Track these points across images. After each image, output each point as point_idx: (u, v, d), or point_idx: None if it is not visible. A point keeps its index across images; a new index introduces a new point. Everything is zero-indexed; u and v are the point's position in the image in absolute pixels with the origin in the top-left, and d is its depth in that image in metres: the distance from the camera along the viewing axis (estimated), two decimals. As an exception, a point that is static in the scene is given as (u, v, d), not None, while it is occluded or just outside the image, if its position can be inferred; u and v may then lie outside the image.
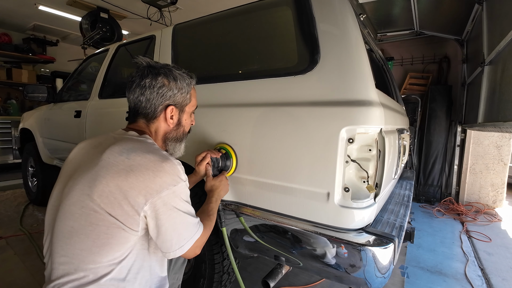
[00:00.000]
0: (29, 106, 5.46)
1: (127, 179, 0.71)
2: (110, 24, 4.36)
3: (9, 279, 1.79)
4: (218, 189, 1.10)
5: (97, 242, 0.71)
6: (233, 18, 1.41)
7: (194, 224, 0.83)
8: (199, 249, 0.85)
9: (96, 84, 2.20)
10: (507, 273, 2.04)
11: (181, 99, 0.93)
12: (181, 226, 0.78)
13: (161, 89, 0.88)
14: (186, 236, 0.80)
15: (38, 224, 2.65)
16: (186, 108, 0.97)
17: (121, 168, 0.73)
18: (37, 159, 2.92)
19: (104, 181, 0.72)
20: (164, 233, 0.76)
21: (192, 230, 0.82)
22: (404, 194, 1.75)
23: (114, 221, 0.71)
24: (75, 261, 0.71)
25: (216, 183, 1.10)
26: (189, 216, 0.81)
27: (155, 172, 0.74)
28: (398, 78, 4.10)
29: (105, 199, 0.71)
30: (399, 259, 2.17)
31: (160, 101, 0.89)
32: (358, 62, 1.00)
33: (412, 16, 3.16)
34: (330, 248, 0.98)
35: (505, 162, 3.36)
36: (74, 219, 0.73)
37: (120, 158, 0.75)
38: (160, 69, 0.90)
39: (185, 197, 0.80)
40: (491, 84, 2.02)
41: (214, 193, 1.08)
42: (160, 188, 0.73)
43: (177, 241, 0.78)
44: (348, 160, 0.98)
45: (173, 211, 0.76)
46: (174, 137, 0.96)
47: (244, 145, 1.17)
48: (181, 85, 0.92)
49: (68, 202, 0.74)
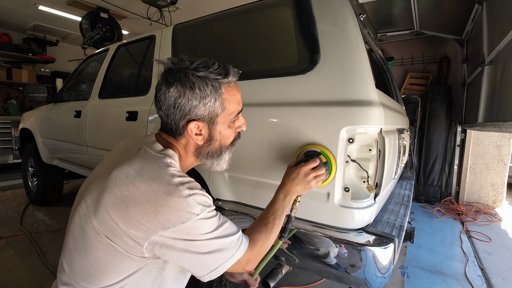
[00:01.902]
0: (29, 106, 5.45)
1: (127, 210, 0.62)
2: (110, 24, 4.36)
3: (9, 279, 1.79)
4: (291, 182, 0.86)
5: (96, 266, 0.66)
6: (233, 18, 1.41)
7: (227, 245, 0.68)
8: (249, 265, 0.73)
9: (96, 84, 2.20)
10: (507, 273, 2.04)
11: (206, 110, 0.71)
12: (203, 257, 0.65)
13: (177, 101, 0.70)
14: (216, 260, 0.66)
15: (38, 224, 2.65)
16: (219, 119, 0.74)
17: (124, 195, 0.63)
18: (37, 159, 2.92)
19: (105, 204, 0.64)
20: (185, 265, 0.67)
21: (225, 253, 0.67)
22: (404, 194, 1.75)
23: (115, 247, 0.64)
24: (75, 277, 0.69)
25: (293, 173, 0.87)
26: (216, 240, 0.66)
27: (157, 207, 0.61)
28: (398, 78, 4.10)
29: (104, 226, 0.64)
30: (399, 259, 2.17)
31: (179, 116, 0.71)
32: (358, 62, 1.00)
33: (412, 16, 3.15)
34: (330, 248, 0.98)
35: (505, 162, 3.36)
36: (78, 233, 0.68)
37: (125, 182, 0.64)
38: (176, 74, 0.70)
39: (203, 230, 0.65)
40: (491, 84, 2.02)
41: (284, 187, 0.86)
42: (163, 226, 0.61)
43: (204, 268, 0.67)
44: (348, 160, 0.98)
45: (187, 246, 0.64)
46: (209, 153, 0.78)
47: (244, 145, 1.17)
48: (202, 94, 0.70)
49: (78, 212, 0.69)
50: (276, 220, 0.81)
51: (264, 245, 0.77)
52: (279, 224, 0.81)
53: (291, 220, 0.90)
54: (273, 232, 0.79)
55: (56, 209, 3.03)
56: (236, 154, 1.19)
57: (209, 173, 1.26)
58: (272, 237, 0.79)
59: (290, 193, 0.86)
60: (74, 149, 2.33)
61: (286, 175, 0.89)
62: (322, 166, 0.91)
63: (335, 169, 0.96)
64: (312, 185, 0.87)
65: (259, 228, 0.79)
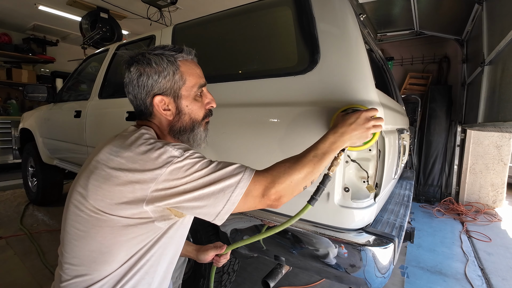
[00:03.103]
0: (29, 106, 5.46)
1: (118, 178, 0.65)
2: (110, 24, 4.36)
3: (9, 279, 1.79)
4: (348, 126, 0.78)
5: (105, 243, 0.68)
6: (233, 18, 1.41)
7: (227, 173, 0.67)
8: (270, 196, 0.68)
9: (96, 84, 2.20)
10: (507, 273, 2.04)
11: (167, 83, 0.76)
12: (204, 192, 0.65)
13: (140, 79, 0.75)
14: (221, 193, 0.66)
15: (38, 224, 2.65)
16: (182, 91, 0.78)
17: (112, 168, 0.66)
18: (37, 159, 2.92)
19: (97, 183, 0.67)
20: (192, 209, 0.67)
21: (228, 181, 0.66)
22: (404, 194, 1.75)
23: (119, 219, 0.66)
24: (87, 262, 0.70)
25: (351, 117, 0.79)
26: (212, 175, 0.66)
27: (142, 164, 0.65)
28: (398, 78, 4.10)
29: (101, 202, 0.66)
30: (399, 259, 2.17)
31: (145, 93, 0.76)
32: (358, 62, 1.00)
33: (412, 16, 3.16)
34: (330, 248, 0.98)
35: (505, 162, 3.36)
36: (77, 221, 0.70)
37: (110, 157, 0.68)
38: (135, 57, 0.77)
39: (192, 169, 0.66)
40: (491, 84, 2.02)
41: (337, 130, 0.78)
42: (153, 178, 0.64)
43: (212, 206, 0.66)
44: (348, 160, 0.98)
45: (185, 188, 0.65)
46: (182, 128, 0.81)
47: (244, 146, 1.17)
48: (159, 68, 0.75)
49: (71, 203, 0.72)
50: (315, 158, 0.72)
51: (289, 176, 0.69)
52: (317, 163, 0.72)
53: (328, 180, 0.78)
54: (306, 166, 0.71)
55: (56, 209, 3.03)
56: (236, 154, 1.19)
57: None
58: (304, 172, 0.70)
59: (343, 138, 0.76)
60: (74, 149, 2.33)
61: (339, 120, 0.81)
62: (381, 118, 0.82)
63: (378, 132, 0.85)
64: (369, 134, 0.79)
65: (287, 159, 0.74)
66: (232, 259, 1.44)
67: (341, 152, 0.80)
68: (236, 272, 1.51)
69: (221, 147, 1.23)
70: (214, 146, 1.24)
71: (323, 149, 0.75)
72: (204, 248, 1.07)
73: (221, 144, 1.23)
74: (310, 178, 0.72)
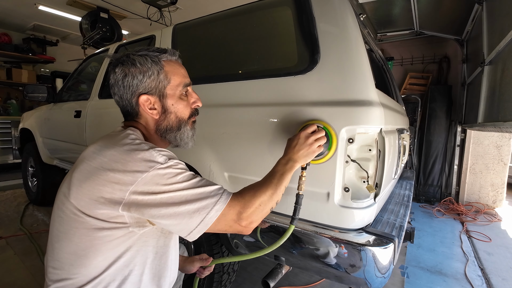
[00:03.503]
0: (29, 106, 5.46)
1: (99, 177, 0.65)
2: (110, 24, 4.36)
3: (9, 279, 1.79)
4: (292, 149, 0.85)
5: (81, 245, 0.67)
6: (233, 18, 1.41)
7: (205, 194, 0.68)
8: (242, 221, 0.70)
9: (96, 84, 2.20)
10: (507, 273, 2.04)
11: (152, 83, 0.77)
12: (180, 208, 0.65)
13: (125, 80, 0.76)
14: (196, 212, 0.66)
15: (38, 224, 2.65)
16: (167, 90, 0.79)
17: (93, 166, 0.67)
18: (37, 159, 2.92)
19: (78, 182, 0.67)
20: (166, 222, 0.66)
21: (205, 202, 0.66)
22: (404, 194, 1.75)
23: (95, 222, 0.66)
24: (65, 265, 0.69)
25: (293, 141, 0.87)
26: (191, 190, 0.67)
27: (124, 164, 0.65)
28: (398, 78, 4.10)
29: (81, 201, 0.66)
30: (399, 259, 2.17)
31: (130, 93, 0.77)
32: (358, 62, 1.00)
33: (412, 16, 3.16)
34: (330, 248, 0.98)
35: (505, 162, 3.36)
36: (59, 222, 0.70)
37: (93, 156, 0.69)
38: (119, 59, 0.78)
39: (172, 179, 0.67)
40: (491, 84, 2.02)
41: (286, 155, 0.85)
42: (132, 181, 0.64)
43: (187, 224, 0.66)
44: (348, 160, 0.98)
45: (161, 198, 0.65)
46: (168, 127, 0.81)
47: (244, 145, 1.17)
48: (144, 68, 0.76)
49: (56, 205, 0.72)
50: (274, 179, 0.78)
51: (257, 198, 0.73)
52: (277, 184, 0.77)
53: (301, 199, 0.87)
54: (269, 188, 0.76)
55: (56, 209, 3.02)
56: (236, 154, 1.19)
57: (208, 173, 1.26)
58: (268, 193, 0.75)
59: (292, 159, 0.83)
60: (74, 149, 2.33)
61: (286, 147, 0.89)
62: (322, 130, 0.90)
63: (335, 143, 0.94)
64: (314, 148, 0.85)
65: (252, 185, 0.78)
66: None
67: (303, 171, 0.89)
68: (236, 272, 1.51)
69: (221, 147, 1.23)
70: (214, 146, 1.24)
71: (280, 171, 0.80)
72: (190, 259, 1.08)
73: (221, 144, 1.23)
74: (274, 199, 0.76)
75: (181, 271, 1.07)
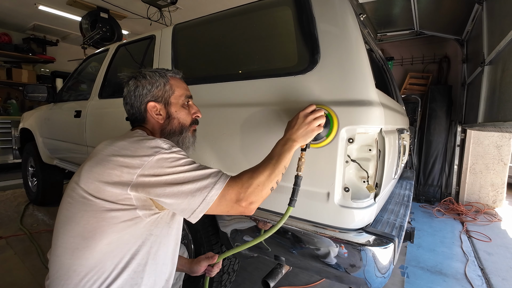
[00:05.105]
0: (29, 106, 5.46)
1: (109, 162, 0.73)
2: (110, 24, 4.36)
3: (9, 279, 1.79)
4: (291, 129, 0.87)
5: (87, 227, 0.72)
6: (233, 18, 1.41)
7: (205, 175, 0.74)
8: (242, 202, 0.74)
9: (96, 84, 2.20)
10: (507, 273, 2.04)
11: (159, 92, 0.91)
12: (183, 188, 0.71)
13: (136, 90, 0.90)
14: (198, 191, 0.72)
15: (38, 224, 2.65)
16: (171, 99, 0.93)
17: (105, 154, 0.75)
18: (37, 159, 2.91)
19: (88, 168, 0.75)
20: (170, 202, 0.72)
21: (205, 182, 0.73)
22: (404, 194, 1.75)
23: (103, 203, 0.72)
24: (70, 250, 0.73)
25: (292, 121, 0.89)
26: (192, 172, 0.73)
27: (133, 151, 0.74)
28: (398, 78, 4.10)
29: (91, 185, 0.73)
30: (399, 259, 2.17)
31: (140, 101, 0.90)
32: (358, 62, 1.00)
33: (412, 16, 3.16)
34: (330, 248, 0.98)
35: (505, 162, 3.36)
36: (67, 208, 0.76)
37: (105, 147, 0.78)
38: (131, 75, 0.93)
39: (176, 162, 0.74)
40: (491, 84, 2.02)
41: (284, 136, 0.87)
42: (140, 164, 0.71)
43: (189, 204, 0.72)
44: (348, 160, 0.98)
45: (166, 179, 0.72)
46: (172, 131, 0.92)
47: (244, 145, 1.17)
48: (152, 80, 0.91)
49: (65, 193, 0.79)
50: (272, 160, 0.80)
51: (255, 179, 0.75)
52: (275, 164, 0.79)
53: (300, 180, 0.87)
54: (267, 169, 0.78)
55: (56, 209, 2.98)
56: (237, 154, 1.19)
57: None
58: (266, 174, 0.77)
59: (291, 139, 0.84)
60: (74, 149, 2.33)
61: (286, 128, 0.90)
62: (321, 109, 0.89)
63: (336, 125, 0.93)
64: (313, 127, 0.86)
65: (249, 168, 0.80)
66: (232, 259, 1.44)
67: (302, 153, 0.89)
68: (236, 272, 1.51)
69: (221, 147, 1.23)
70: (214, 146, 1.24)
71: (278, 152, 0.82)
72: (196, 260, 1.10)
73: (221, 144, 1.23)
74: (273, 179, 0.78)
75: (190, 273, 1.10)
